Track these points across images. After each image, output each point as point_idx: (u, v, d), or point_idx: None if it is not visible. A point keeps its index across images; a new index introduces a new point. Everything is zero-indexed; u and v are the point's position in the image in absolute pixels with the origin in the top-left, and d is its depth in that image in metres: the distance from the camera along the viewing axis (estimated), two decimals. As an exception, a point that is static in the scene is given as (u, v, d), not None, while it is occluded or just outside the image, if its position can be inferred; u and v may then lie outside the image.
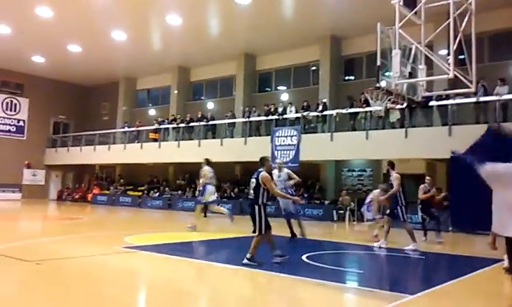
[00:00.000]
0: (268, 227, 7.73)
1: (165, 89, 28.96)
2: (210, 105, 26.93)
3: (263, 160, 8.02)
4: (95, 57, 26.18)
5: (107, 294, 5.93)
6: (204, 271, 7.90)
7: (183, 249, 9.87)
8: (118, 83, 30.64)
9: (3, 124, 29.77)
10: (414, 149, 16.07)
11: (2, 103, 29.72)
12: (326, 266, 8.26)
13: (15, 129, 30.27)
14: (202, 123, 23.06)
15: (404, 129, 16.31)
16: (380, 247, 10.52)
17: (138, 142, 25.62)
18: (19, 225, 16.14)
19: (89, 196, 28.57)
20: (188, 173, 25.26)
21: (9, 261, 7.81)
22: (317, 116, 19.55)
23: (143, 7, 19.29)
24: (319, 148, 18.79)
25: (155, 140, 25.33)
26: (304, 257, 8.76)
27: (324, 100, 20.13)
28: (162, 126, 25.09)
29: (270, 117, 20.74)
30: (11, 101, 30.16)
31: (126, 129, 27.18)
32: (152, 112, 30.00)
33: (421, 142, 15.88)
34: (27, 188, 29.64)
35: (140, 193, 25.82)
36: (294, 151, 19.25)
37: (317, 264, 8.28)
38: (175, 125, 24.38)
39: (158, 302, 5.68)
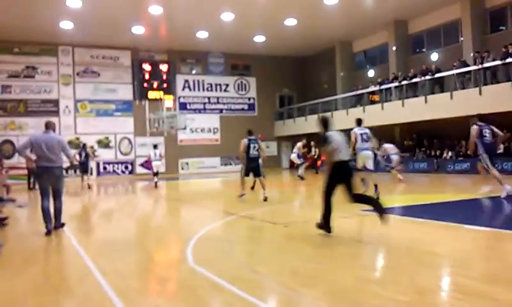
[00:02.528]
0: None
1: (382, 47, 27.84)
2: (434, 56, 24.79)
3: (251, 131, 13.93)
4: (310, 27, 26.73)
5: (351, 254, 5.94)
6: (447, 233, 7.22)
7: (421, 211, 9.33)
8: (334, 49, 30.75)
9: (237, 103, 33.24)
10: None
11: (234, 84, 33.20)
12: None
13: (247, 107, 33.54)
14: (427, 78, 21.41)
15: None
16: None
17: (360, 106, 25.38)
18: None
19: (319, 163, 29.69)
20: (416, 133, 23.97)
21: (263, 224, 8.81)
22: None
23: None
24: None
25: (373, 102, 24.68)
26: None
27: None
28: (383, 87, 24.22)
29: (509, 59, 17.93)
30: (241, 82, 33.41)
31: (346, 94, 27.20)
32: (371, 73, 29.29)
33: None
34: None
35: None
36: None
37: None
38: (397, 84, 23.29)
39: (404, 262, 5.36)
